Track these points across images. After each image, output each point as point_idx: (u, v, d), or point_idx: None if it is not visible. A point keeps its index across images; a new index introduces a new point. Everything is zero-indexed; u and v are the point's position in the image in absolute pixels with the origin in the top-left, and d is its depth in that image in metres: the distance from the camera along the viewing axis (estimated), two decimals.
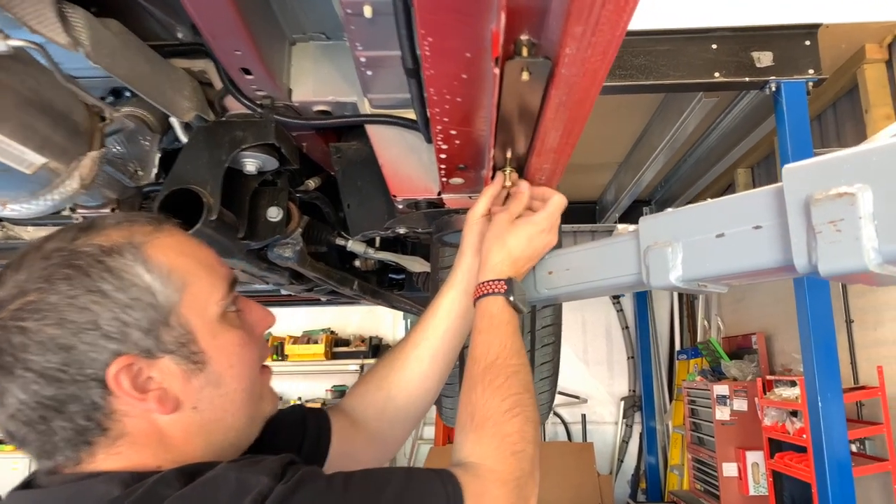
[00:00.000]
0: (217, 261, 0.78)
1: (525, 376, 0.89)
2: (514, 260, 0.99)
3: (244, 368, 0.75)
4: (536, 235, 1.00)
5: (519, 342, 0.92)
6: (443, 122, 0.90)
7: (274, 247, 1.47)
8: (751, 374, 4.56)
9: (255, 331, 0.80)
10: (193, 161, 1.26)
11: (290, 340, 6.30)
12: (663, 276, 0.85)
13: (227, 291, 0.75)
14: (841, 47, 3.48)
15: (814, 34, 3.19)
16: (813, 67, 3.18)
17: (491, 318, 0.93)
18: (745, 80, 3.19)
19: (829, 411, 2.96)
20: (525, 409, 0.84)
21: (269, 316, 0.83)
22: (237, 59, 1.08)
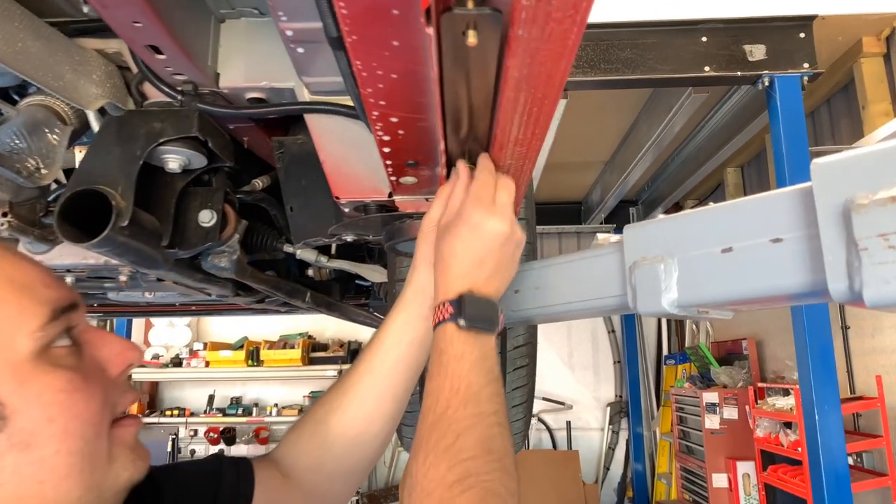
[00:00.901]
0: (41, 280, 0.60)
1: (485, 430, 0.67)
2: (462, 269, 0.76)
3: (73, 423, 0.57)
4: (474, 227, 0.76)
5: (479, 380, 0.70)
6: (378, 106, 0.72)
7: (208, 255, 1.28)
8: (741, 380, 4.41)
9: (105, 371, 0.63)
10: (102, 157, 1.07)
11: (266, 345, 6.11)
12: (653, 299, 0.68)
13: (48, 320, 0.57)
14: (837, 40, 3.34)
15: (809, 26, 3.04)
16: (808, 61, 3.03)
17: (440, 356, 0.73)
18: (736, 74, 3.04)
19: (826, 424, 2.81)
20: (482, 478, 0.63)
21: (130, 350, 0.65)
22: (140, 34, 0.89)
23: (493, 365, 0.72)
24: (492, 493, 0.63)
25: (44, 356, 0.56)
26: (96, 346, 0.63)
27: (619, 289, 0.73)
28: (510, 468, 0.66)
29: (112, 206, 1.03)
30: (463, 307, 0.73)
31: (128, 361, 0.65)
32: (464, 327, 0.72)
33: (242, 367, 6.02)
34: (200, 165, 1.16)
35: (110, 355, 0.64)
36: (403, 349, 0.89)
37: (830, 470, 2.82)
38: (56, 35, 1.00)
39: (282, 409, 6.30)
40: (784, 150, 2.98)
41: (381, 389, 0.88)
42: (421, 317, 0.89)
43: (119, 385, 0.64)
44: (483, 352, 0.72)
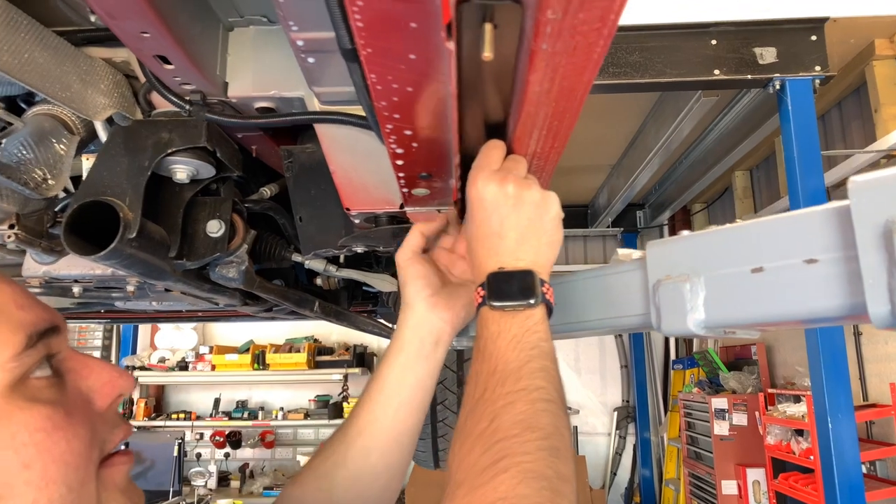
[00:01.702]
0: (14, 300, 0.52)
1: (525, 406, 0.59)
2: (486, 248, 0.70)
3: (53, 467, 0.49)
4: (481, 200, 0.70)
5: (519, 356, 0.63)
6: (392, 119, 0.70)
7: (216, 266, 1.26)
8: (751, 386, 4.37)
9: (91, 403, 0.55)
10: (110, 168, 1.05)
11: (272, 349, 6.10)
12: (679, 319, 0.65)
13: (23, 347, 0.50)
14: (849, 42, 3.30)
15: (820, 28, 3.01)
16: (820, 64, 3.00)
17: (477, 341, 0.68)
18: (746, 77, 3.01)
19: (839, 432, 2.77)
20: (519, 459, 0.55)
21: (119, 378, 0.57)
22: (147, 45, 0.87)
23: (537, 340, 0.64)
24: (532, 475, 0.54)
25: (18, 390, 0.49)
26: (81, 375, 0.56)
27: (642, 307, 0.70)
28: (560, 448, 0.57)
29: (120, 217, 1.02)
30: (492, 287, 0.68)
31: (117, 391, 0.57)
32: (497, 307, 0.67)
33: (248, 370, 6.01)
34: (209, 175, 1.15)
35: (97, 385, 0.56)
36: (406, 394, 0.83)
37: (844, 479, 2.78)
38: (63, 45, 0.99)
39: (287, 412, 6.29)
40: (795, 154, 2.95)
41: (385, 439, 0.82)
42: (421, 356, 0.84)
43: (108, 419, 0.57)
44: (524, 327, 0.65)
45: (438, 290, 0.85)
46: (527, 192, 0.69)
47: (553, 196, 0.71)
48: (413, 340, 0.84)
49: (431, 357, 0.84)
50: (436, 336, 0.84)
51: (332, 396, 6.32)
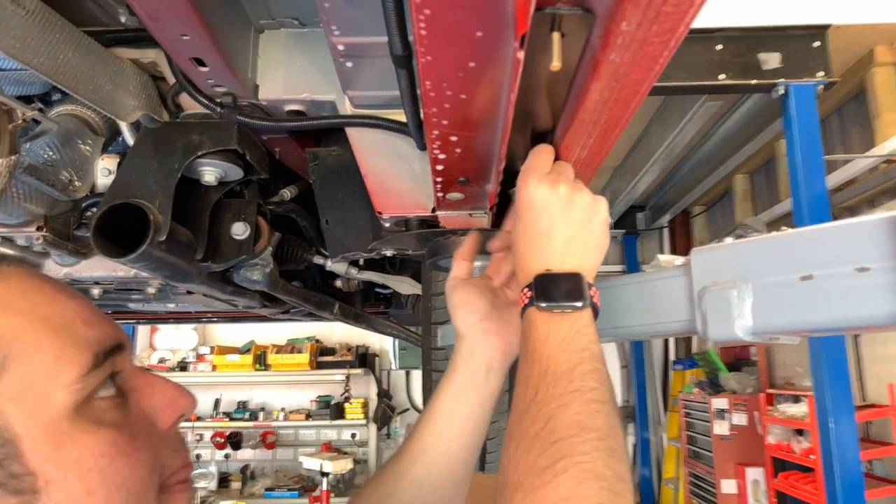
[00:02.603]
0: (81, 317, 0.51)
1: (581, 407, 0.59)
2: (533, 249, 0.70)
3: (116, 495, 0.47)
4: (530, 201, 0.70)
5: (571, 357, 0.63)
6: (441, 125, 0.70)
7: (240, 268, 1.27)
8: (750, 386, 4.40)
9: (154, 425, 0.54)
10: (139, 170, 1.06)
11: (274, 350, 6.09)
12: (726, 325, 0.66)
13: (89, 367, 0.48)
14: (851, 49, 3.33)
15: (823, 35, 3.03)
16: (823, 70, 3.02)
17: (526, 343, 0.67)
18: (751, 82, 3.02)
19: (840, 432, 2.80)
20: (578, 460, 0.54)
21: (182, 398, 0.56)
22: (186, 47, 0.88)
23: (587, 342, 0.64)
24: (592, 476, 0.53)
25: (83, 412, 0.48)
26: (144, 395, 0.54)
27: (686, 313, 0.71)
28: (616, 449, 0.57)
29: (150, 220, 1.02)
30: (540, 288, 0.67)
31: (179, 411, 0.56)
32: (544, 308, 0.66)
33: (249, 371, 6.00)
34: (236, 178, 1.15)
35: (160, 405, 0.54)
36: (457, 426, 0.81)
37: (845, 478, 2.80)
38: (94, 45, 0.99)
39: (289, 413, 6.29)
40: (799, 158, 2.97)
41: (437, 472, 0.80)
42: (474, 385, 0.81)
43: (169, 441, 0.55)
44: (573, 329, 0.65)
45: (487, 314, 0.82)
46: (578, 194, 0.69)
47: (603, 200, 0.71)
48: (465, 370, 0.82)
49: (483, 387, 0.81)
50: (486, 365, 0.81)
51: (333, 397, 6.32)
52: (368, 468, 6.38)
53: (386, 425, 6.48)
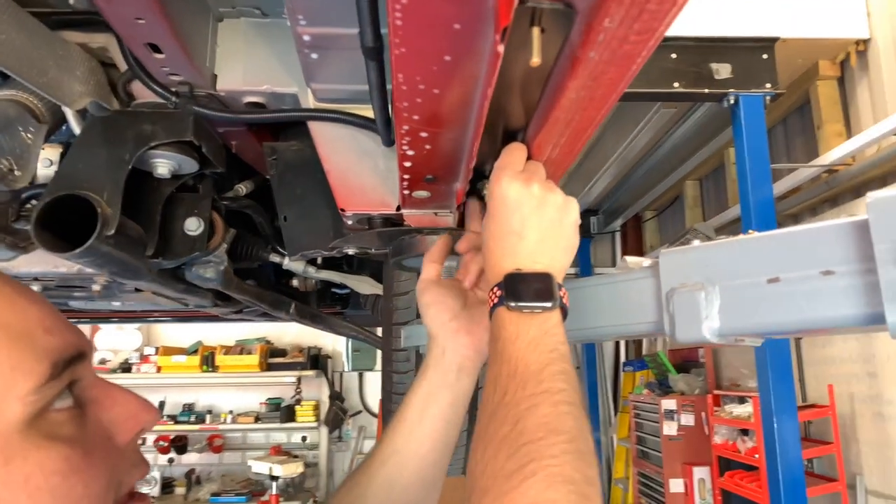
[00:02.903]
0: (42, 323, 0.47)
1: (549, 409, 0.58)
2: (504, 247, 0.69)
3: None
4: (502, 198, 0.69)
5: (540, 358, 0.62)
6: (411, 120, 0.69)
7: (192, 265, 1.22)
8: (698, 388, 4.52)
9: (111, 439, 0.50)
10: (87, 160, 1.00)
11: (222, 351, 5.94)
12: (694, 327, 0.66)
13: (46, 377, 0.45)
14: (796, 63, 3.46)
15: (771, 48, 3.13)
16: (770, 81, 3.12)
17: (495, 343, 0.66)
18: (704, 91, 3.09)
19: (784, 431, 2.89)
20: (547, 463, 0.53)
21: (144, 412, 0.53)
22: (141, 31, 0.84)
23: (556, 343, 0.64)
24: (561, 479, 0.52)
25: (37, 425, 0.44)
26: (104, 407, 0.50)
27: (654, 315, 0.71)
28: (585, 452, 0.56)
29: (98, 213, 0.97)
30: (510, 287, 0.66)
31: (140, 426, 0.52)
32: (514, 308, 0.65)
33: (196, 372, 5.84)
34: (191, 171, 1.11)
35: (120, 418, 0.51)
36: (428, 426, 0.80)
37: (787, 476, 2.90)
38: (39, 27, 0.94)
39: (237, 416, 6.14)
40: (747, 166, 3.06)
41: (408, 473, 0.79)
42: (445, 384, 0.81)
43: (127, 456, 0.52)
44: (542, 329, 0.64)
45: (458, 313, 0.81)
46: (550, 194, 0.69)
47: (574, 201, 0.71)
48: (436, 370, 0.81)
49: (455, 386, 0.80)
50: (458, 364, 0.81)
51: (284, 399, 6.21)
52: (319, 472, 6.29)
53: (338, 428, 6.40)
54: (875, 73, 3.26)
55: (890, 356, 3.07)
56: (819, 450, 3.32)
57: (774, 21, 3.16)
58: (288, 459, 5.53)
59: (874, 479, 3.19)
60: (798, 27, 3.21)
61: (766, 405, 2.94)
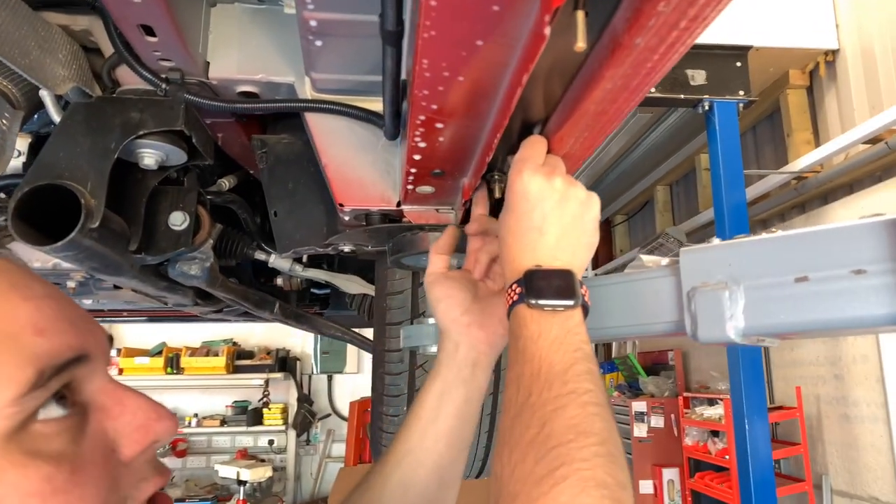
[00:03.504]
0: (34, 323, 0.42)
1: (577, 410, 0.55)
2: (524, 243, 0.66)
3: None
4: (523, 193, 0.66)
5: (564, 358, 0.59)
6: (429, 110, 0.66)
7: (176, 262, 1.17)
8: (667, 390, 4.57)
9: (115, 452, 0.45)
10: (69, 148, 0.95)
11: (188, 352, 5.79)
12: (717, 327, 0.65)
13: (30, 386, 0.39)
14: (768, 71, 3.53)
15: (745, 56, 3.18)
16: (743, 89, 3.17)
17: (516, 342, 0.63)
18: (680, 97, 3.12)
19: (755, 433, 2.93)
20: (578, 466, 0.51)
21: (158, 421, 0.47)
22: (135, 12, 0.79)
23: (579, 342, 0.61)
24: (593, 483, 0.50)
25: (17, 439, 0.39)
26: (111, 415, 0.45)
27: (675, 314, 0.70)
28: (616, 454, 0.54)
29: (81, 204, 0.91)
30: (531, 284, 0.63)
31: (151, 438, 0.47)
32: (535, 306, 0.62)
33: (160, 374, 5.69)
34: (179, 162, 1.06)
35: (128, 429, 0.46)
36: (443, 423, 0.77)
37: (758, 476, 2.94)
38: (20, 5, 0.89)
39: (202, 419, 6.01)
40: (721, 171, 3.11)
41: (424, 473, 0.76)
42: (460, 380, 0.78)
43: (136, 470, 0.46)
44: (565, 328, 0.62)
45: (469, 307, 0.79)
46: (573, 189, 0.66)
47: (596, 197, 0.69)
48: (450, 366, 0.78)
49: (470, 382, 0.78)
50: (472, 359, 0.78)
51: (251, 402, 6.08)
52: (287, 476, 6.18)
53: (306, 431, 6.31)
54: (843, 83, 3.35)
55: (855, 359, 3.15)
56: (787, 451, 3.39)
57: (748, 30, 3.22)
58: (256, 463, 5.42)
59: (840, 479, 3.26)
60: (770, 37, 3.28)
61: (737, 407, 2.98)
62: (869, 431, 3.07)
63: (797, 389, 3.42)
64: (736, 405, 2.99)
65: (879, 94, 3.08)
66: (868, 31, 3.17)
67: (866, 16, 3.19)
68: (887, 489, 2.96)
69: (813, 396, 3.43)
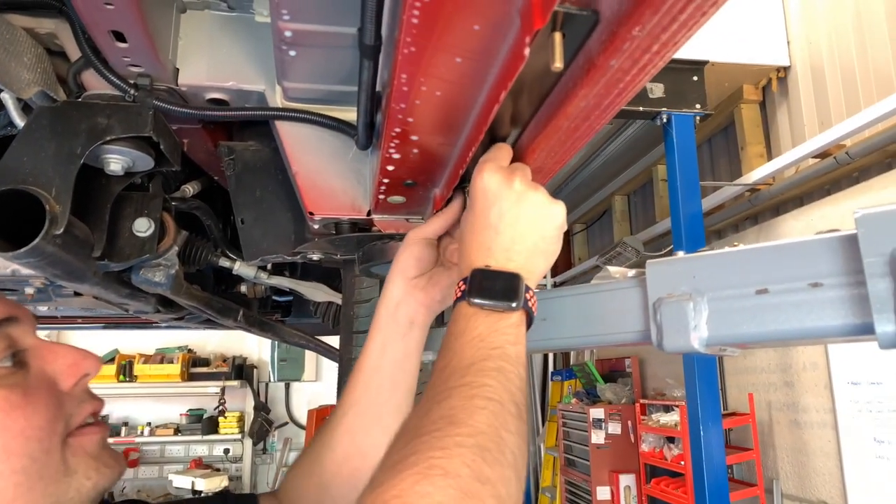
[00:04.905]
0: None
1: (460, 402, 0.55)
2: (479, 241, 0.67)
3: (14, 441, 0.56)
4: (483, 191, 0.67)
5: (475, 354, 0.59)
6: (405, 123, 0.67)
7: (140, 269, 1.15)
8: (625, 397, 4.65)
9: (56, 384, 0.63)
10: (33, 153, 0.93)
11: (141, 359, 5.64)
12: (682, 337, 0.67)
13: None
14: (723, 86, 3.64)
15: (701, 70, 3.28)
16: (700, 102, 3.27)
17: (446, 337, 0.64)
18: (639, 109, 3.21)
19: (709, 439, 3.01)
20: (429, 455, 0.50)
21: (83, 360, 0.65)
22: (107, 17, 0.78)
23: (503, 341, 0.61)
24: (441, 473, 0.48)
25: None
26: (46, 361, 0.63)
27: (641, 324, 0.72)
28: (491, 448, 0.51)
29: (45, 210, 0.89)
30: (473, 283, 0.65)
31: (81, 372, 0.64)
32: (472, 304, 0.64)
33: (112, 382, 5.52)
34: (145, 168, 1.04)
35: (62, 367, 0.63)
36: (386, 373, 0.82)
37: (713, 481, 3.01)
38: None
39: (155, 428, 5.85)
40: (678, 182, 3.20)
41: (368, 421, 0.81)
42: (398, 335, 0.83)
43: (75, 396, 0.64)
44: (492, 327, 0.62)
45: (423, 272, 0.84)
46: (533, 192, 0.67)
47: (561, 205, 0.70)
48: (390, 323, 0.83)
49: (409, 337, 0.83)
50: (410, 317, 0.83)
51: (206, 410, 5.96)
52: (243, 485, 6.07)
53: (263, 440, 6.21)
54: (794, 98, 3.48)
55: (805, 366, 3.27)
56: (739, 456, 3.48)
57: (704, 45, 3.32)
58: (211, 473, 5.31)
59: (790, 483, 3.37)
60: (725, 52, 3.39)
61: (693, 413, 3.06)
62: (818, 437, 3.18)
63: (750, 396, 3.53)
64: (691, 412, 3.07)
65: (828, 110, 3.21)
66: (818, 48, 3.31)
67: (816, 33, 3.33)
68: (835, 493, 3.07)
69: (765, 403, 3.54)
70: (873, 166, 2.97)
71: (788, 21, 3.51)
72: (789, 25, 3.50)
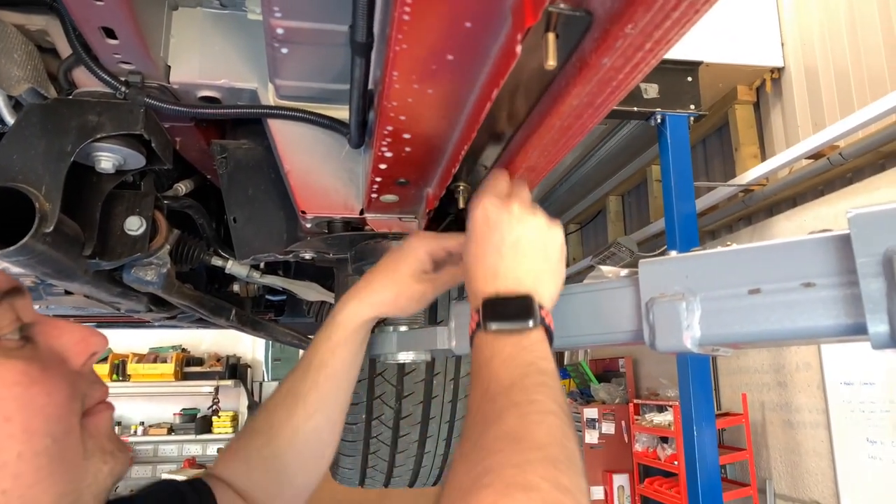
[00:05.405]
0: None
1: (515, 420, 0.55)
2: (484, 269, 0.67)
3: (35, 419, 0.50)
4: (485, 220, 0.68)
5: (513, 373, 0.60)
6: (397, 121, 0.67)
7: (131, 268, 1.14)
8: (618, 397, 4.66)
9: (66, 362, 0.57)
10: (23, 151, 0.92)
11: (135, 359, 5.62)
12: (675, 337, 0.67)
13: None
14: (717, 87, 3.65)
15: (695, 71, 3.29)
16: (694, 103, 3.27)
17: (474, 368, 0.64)
18: (633, 109, 3.21)
19: (703, 439, 3.02)
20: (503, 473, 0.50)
21: (92, 337, 0.59)
22: (98, 14, 0.78)
23: (534, 358, 0.62)
24: (520, 487, 0.48)
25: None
26: (52, 336, 0.57)
27: (633, 324, 0.72)
28: (561, 458, 0.52)
29: (35, 208, 0.89)
30: (487, 311, 0.65)
31: (90, 349, 0.58)
32: (490, 330, 0.64)
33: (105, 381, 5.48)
34: (136, 166, 1.03)
35: (69, 344, 0.57)
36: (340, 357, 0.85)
37: (706, 481, 3.02)
38: None
39: (148, 427, 5.83)
40: (672, 182, 3.20)
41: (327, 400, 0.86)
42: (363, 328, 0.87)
43: (86, 376, 0.58)
44: (519, 346, 0.62)
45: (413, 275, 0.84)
46: (531, 215, 0.68)
47: (559, 227, 0.70)
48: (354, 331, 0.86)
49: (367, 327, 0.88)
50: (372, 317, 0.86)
51: (200, 410, 5.94)
52: None
53: None
54: (787, 100, 3.49)
55: (798, 366, 3.28)
56: (733, 456, 3.49)
57: (699, 46, 3.33)
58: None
59: (783, 483, 3.38)
60: (720, 53, 3.40)
61: (686, 413, 3.07)
62: (810, 437, 3.19)
63: (743, 396, 3.54)
64: (685, 412, 3.07)
65: (822, 111, 3.22)
66: (811, 49, 3.32)
67: (809, 35, 3.34)
68: (827, 493, 3.08)
69: (758, 403, 3.55)
70: (867, 167, 2.98)
71: (782, 22, 3.52)
72: (783, 26, 3.51)
